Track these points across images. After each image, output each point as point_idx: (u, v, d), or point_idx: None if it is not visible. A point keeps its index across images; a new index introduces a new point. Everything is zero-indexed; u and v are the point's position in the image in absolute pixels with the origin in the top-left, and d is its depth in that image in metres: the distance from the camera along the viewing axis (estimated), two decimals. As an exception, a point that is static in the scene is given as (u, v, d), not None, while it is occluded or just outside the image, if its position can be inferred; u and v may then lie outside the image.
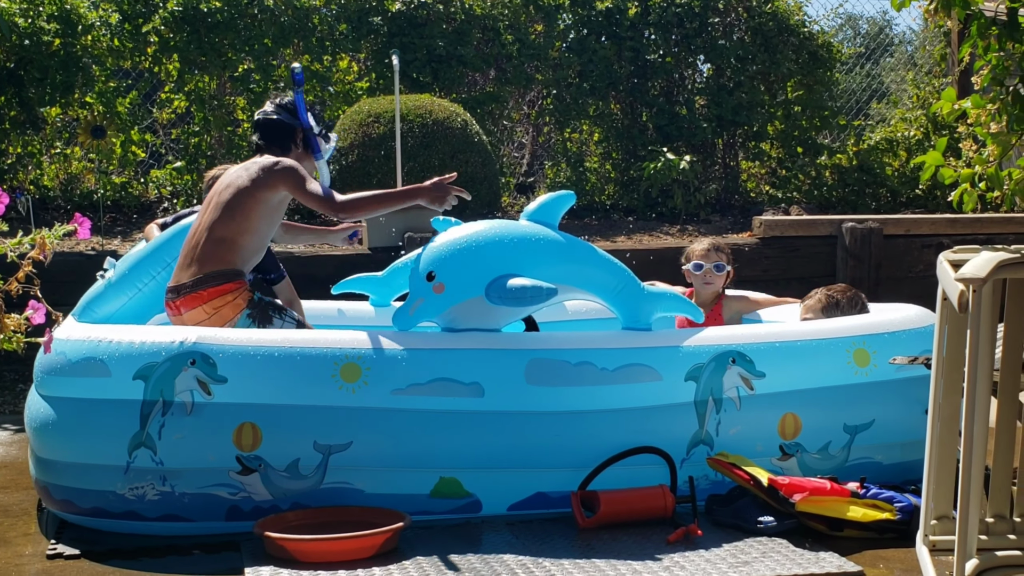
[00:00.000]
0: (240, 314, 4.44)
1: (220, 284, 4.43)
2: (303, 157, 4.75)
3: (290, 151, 4.72)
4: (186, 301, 4.44)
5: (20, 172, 9.17)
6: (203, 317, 4.43)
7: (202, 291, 4.42)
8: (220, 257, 4.47)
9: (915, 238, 8.49)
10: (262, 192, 4.51)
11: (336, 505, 4.07)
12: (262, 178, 4.51)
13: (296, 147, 4.75)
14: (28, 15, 8.67)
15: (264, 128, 4.74)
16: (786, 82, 10.46)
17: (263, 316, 4.47)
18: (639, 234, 8.98)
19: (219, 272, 4.44)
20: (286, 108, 4.76)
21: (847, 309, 4.95)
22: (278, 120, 4.73)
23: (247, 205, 4.50)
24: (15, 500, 4.63)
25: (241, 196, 4.51)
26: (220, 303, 4.42)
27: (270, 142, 4.71)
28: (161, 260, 4.74)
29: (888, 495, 4.09)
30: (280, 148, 4.70)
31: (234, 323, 4.42)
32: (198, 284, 4.43)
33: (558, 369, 4.23)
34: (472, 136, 8.73)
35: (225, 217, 4.50)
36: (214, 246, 4.48)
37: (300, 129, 4.75)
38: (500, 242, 4.37)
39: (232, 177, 4.61)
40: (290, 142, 4.74)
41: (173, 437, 3.98)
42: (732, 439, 4.34)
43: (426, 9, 9.62)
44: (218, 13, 9.11)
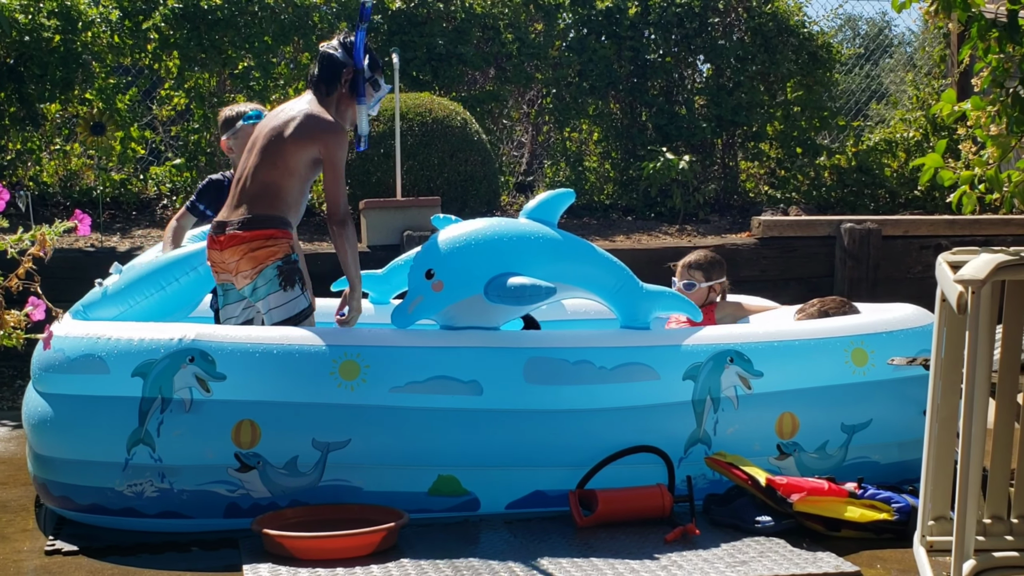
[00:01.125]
0: (272, 262, 4.36)
1: (265, 228, 4.38)
2: (346, 99, 4.59)
3: (334, 91, 4.56)
4: (230, 238, 4.39)
5: (20, 168, 9.17)
6: (239, 256, 4.38)
7: (246, 231, 4.37)
8: (268, 202, 4.41)
9: (913, 239, 8.49)
10: (305, 145, 4.42)
11: (334, 503, 4.07)
12: (307, 131, 4.42)
13: (341, 87, 4.57)
14: (28, 11, 8.67)
15: (321, 62, 4.59)
16: (785, 82, 10.46)
17: (288, 277, 4.39)
18: (638, 234, 8.98)
19: (268, 216, 4.40)
20: (345, 46, 4.59)
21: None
22: (332, 56, 4.57)
23: (289, 153, 4.42)
24: (13, 496, 4.63)
25: (283, 143, 4.43)
26: (258, 245, 4.36)
27: (320, 77, 4.57)
28: (157, 283, 4.69)
29: (886, 495, 4.10)
30: (326, 86, 4.56)
31: (262, 269, 4.35)
32: (245, 224, 4.38)
33: (557, 368, 4.24)
34: (471, 135, 8.73)
35: (268, 162, 4.44)
36: (260, 189, 4.42)
37: (351, 68, 4.57)
38: (499, 240, 4.37)
39: (278, 122, 4.51)
40: (337, 82, 4.56)
41: (172, 434, 3.99)
42: (730, 438, 4.35)
43: (426, 7, 9.62)
44: (218, 10, 9.10)
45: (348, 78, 4.56)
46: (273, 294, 4.38)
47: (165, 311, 4.71)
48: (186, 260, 4.74)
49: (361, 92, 4.56)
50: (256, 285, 4.39)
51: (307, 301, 4.47)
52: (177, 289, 4.71)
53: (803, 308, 5.09)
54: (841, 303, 5.06)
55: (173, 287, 4.71)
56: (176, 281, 4.70)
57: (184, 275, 4.70)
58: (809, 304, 5.08)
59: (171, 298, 4.73)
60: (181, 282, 4.70)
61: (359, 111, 4.59)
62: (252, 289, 4.41)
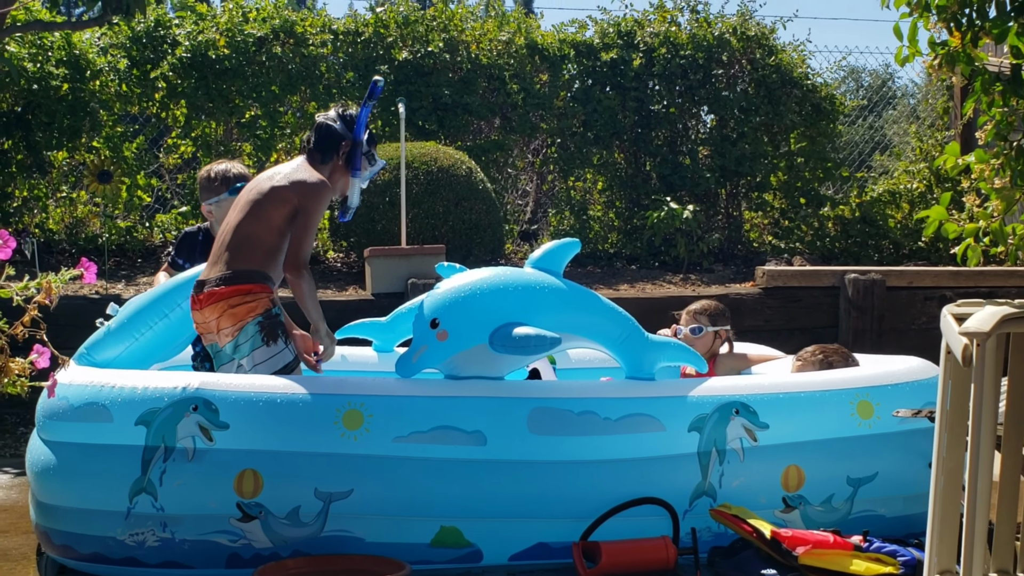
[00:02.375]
0: (252, 318, 4.36)
1: (243, 283, 4.38)
2: (340, 171, 4.66)
3: (330, 161, 4.63)
4: (208, 296, 4.39)
5: (26, 215, 9.21)
6: (218, 314, 4.37)
7: (224, 287, 4.37)
8: (247, 256, 4.42)
9: (918, 290, 8.50)
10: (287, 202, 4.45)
11: (336, 553, 4.04)
12: (290, 188, 4.47)
13: (338, 159, 4.65)
14: (37, 60, 8.75)
15: (318, 131, 4.65)
16: (789, 133, 10.52)
17: (271, 332, 4.39)
18: (642, 283, 8.99)
19: (247, 271, 4.40)
20: (344, 118, 4.67)
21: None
22: (331, 128, 4.64)
23: (272, 209, 4.45)
24: (15, 544, 4.61)
25: (266, 200, 4.46)
26: (237, 301, 4.36)
27: (316, 146, 4.63)
28: (160, 311, 4.68)
29: (891, 549, 4.07)
30: (322, 155, 4.62)
31: (243, 326, 4.35)
32: (224, 280, 4.38)
33: (561, 418, 4.22)
34: (476, 183, 8.77)
35: (251, 217, 4.46)
36: (240, 243, 4.43)
37: (349, 142, 4.65)
38: (504, 290, 4.38)
39: (264, 180, 4.56)
40: (333, 152, 4.63)
41: (174, 483, 3.97)
42: (735, 491, 4.33)
43: (432, 58, 9.70)
44: (226, 60, 9.19)
45: (346, 150, 4.65)
46: (257, 350, 4.37)
47: (170, 339, 4.70)
48: (187, 284, 4.69)
49: (357, 165, 4.65)
50: (238, 342, 4.38)
51: (292, 354, 4.47)
52: (180, 315, 4.66)
53: (802, 356, 5.07)
54: (844, 354, 5.04)
55: (176, 313, 4.67)
56: (179, 306, 4.65)
57: (185, 299, 4.67)
58: (810, 353, 5.05)
59: (175, 325, 4.69)
60: (183, 307, 4.65)
61: (352, 183, 4.68)
62: (234, 347, 4.39)
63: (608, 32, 10.28)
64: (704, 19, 10.43)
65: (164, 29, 9.33)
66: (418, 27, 9.83)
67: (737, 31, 10.34)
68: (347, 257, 9.23)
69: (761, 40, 10.39)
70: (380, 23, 9.80)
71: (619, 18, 10.39)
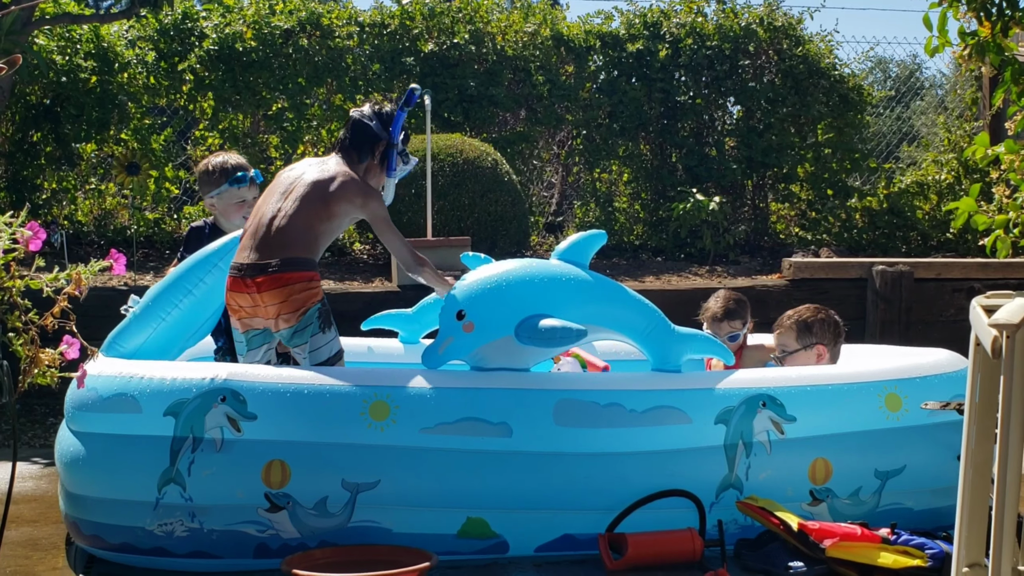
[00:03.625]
0: (314, 305, 4.40)
1: (306, 270, 4.41)
2: (375, 169, 4.67)
3: (365, 160, 4.65)
4: (271, 280, 4.37)
5: (55, 207, 9.27)
6: (281, 299, 4.37)
7: (289, 273, 4.37)
8: (304, 245, 4.44)
9: (946, 282, 8.44)
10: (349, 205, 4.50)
11: (363, 544, 4.06)
12: (353, 193, 4.50)
13: (373, 158, 4.66)
14: (66, 52, 8.80)
15: (354, 128, 4.66)
16: (816, 124, 10.46)
17: (327, 319, 4.45)
18: (667, 274, 8.97)
19: (305, 259, 4.43)
20: (381, 116, 4.67)
21: (819, 331, 4.94)
22: (368, 125, 4.64)
23: (333, 207, 4.47)
24: (45, 534, 4.64)
25: (327, 196, 4.47)
26: (302, 288, 4.38)
27: (352, 144, 4.64)
28: (183, 288, 4.62)
29: (919, 542, 4.05)
30: (358, 153, 4.63)
31: (304, 312, 4.38)
32: (285, 266, 4.38)
33: (587, 410, 4.22)
34: (502, 175, 8.76)
35: (309, 208, 4.46)
36: (298, 233, 4.44)
37: (384, 142, 4.66)
38: (530, 281, 4.38)
39: (317, 175, 4.54)
40: (369, 151, 4.65)
41: (202, 474, 3.99)
42: (762, 483, 4.31)
43: (458, 50, 9.70)
44: (253, 52, 9.21)
45: (381, 150, 4.66)
46: (315, 335, 4.41)
47: (197, 316, 4.67)
48: (206, 260, 4.67)
49: (392, 165, 4.68)
50: (299, 328, 4.40)
51: (339, 344, 4.52)
52: (206, 290, 4.64)
53: (779, 323, 5.04)
54: (816, 309, 5.02)
55: (201, 288, 4.64)
56: (201, 281, 4.64)
57: (208, 274, 4.63)
58: (786, 317, 5.03)
59: (201, 301, 4.65)
60: (207, 281, 4.63)
61: (387, 183, 4.71)
62: (292, 332, 4.41)
63: (634, 23, 10.24)
64: (731, 10, 10.38)
65: (191, 22, 9.36)
66: (444, 19, 9.82)
67: (764, 21, 10.29)
68: (373, 249, 9.25)
69: (788, 30, 10.33)
70: (406, 15, 9.80)
71: (645, 9, 10.36)
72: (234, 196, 5.12)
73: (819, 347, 4.97)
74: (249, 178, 5.13)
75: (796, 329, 4.97)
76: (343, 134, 4.69)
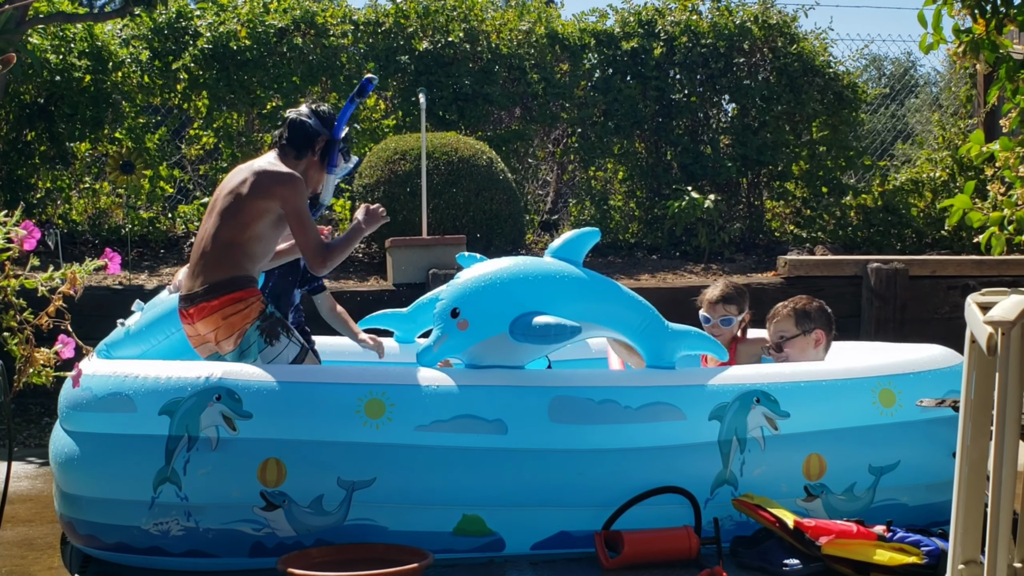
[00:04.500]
0: (250, 324, 4.37)
1: (231, 292, 4.37)
2: (315, 166, 4.64)
3: (304, 157, 4.61)
4: (199, 310, 4.38)
5: (49, 206, 9.26)
6: (214, 326, 4.37)
7: (213, 299, 4.36)
8: (229, 263, 4.40)
9: (941, 279, 8.44)
10: (263, 202, 4.43)
11: (359, 542, 4.06)
12: (263, 188, 4.43)
13: (312, 154, 4.63)
14: (60, 51, 8.79)
15: (291, 126, 4.63)
16: (811, 122, 10.47)
17: (271, 331, 4.39)
18: (663, 272, 8.98)
19: (230, 279, 4.38)
20: (319, 115, 4.65)
21: (817, 317, 4.99)
22: (305, 123, 4.62)
23: (248, 212, 4.43)
24: (40, 534, 4.64)
25: (241, 203, 4.44)
26: (231, 311, 4.36)
27: (289, 141, 4.61)
28: (176, 322, 4.64)
29: (915, 539, 4.05)
30: (296, 151, 4.60)
31: (243, 333, 4.36)
32: (209, 292, 4.37)
33: (582, 407, 4.23)
34: (497, 173, 8.76)
35: (228, 223, 4.43)
36: (221, 252, 4.41)
37: (323, 137, 4.63)
38: (524, 279, 4.38)
39: (235, 182, 4.51)
40: (308, 148, 4.62)
41: (198, 473, 3.99)
42: (756, 479, 4.32)
43: (453, 48, 9.69)
44: (247, 51, 9.21)
45: (321, 146, 4.63)
46: (263, 351, 4.38)
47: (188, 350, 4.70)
48: None
49: (333, 162, 4.65)
50: (242, 349, 4.38)
51: (298, 345, 4.47)
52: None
53: (775, 312, 5.05)
54: (810, 299, 5.06)
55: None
56: None
57: None
58: (782, 306, 5.05)
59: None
60: None
61: (327, 180, 4.68)
62: (239, 354, 4.39)
63: (629, 21, 10.25)
64: (725, 8, 10.38)
65: (186, 20, 9.35)
66: (438, 17, 9.82)
67: (758, 19, 10.29)
68: (368, 247, 9.25)
69: (782, 28, 10.34)
70: (400, 13, 9.80)
71: (640, 7, 10.36)
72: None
73: (818, 331, 5.00)
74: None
75: (795, 315, 4.99)
76: (279, 132, 4.67)
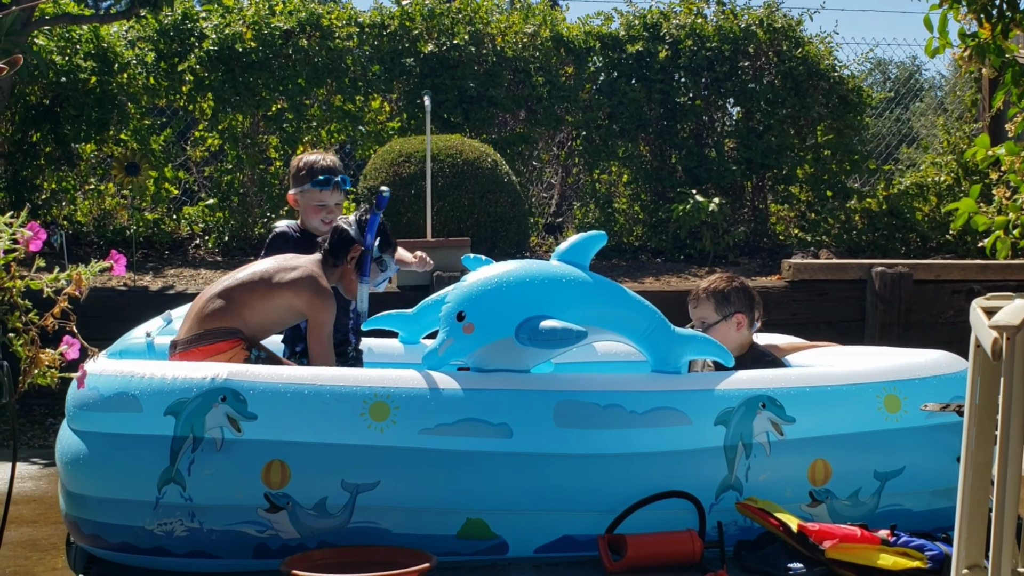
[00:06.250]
0: None
1: (216, 342, 4.44)
2: (350, 274, 4.74)
3: (340, 264, 4.71)
4: (183, 356, 4.45)
5: (54, 207, 9.28)
6: None
7: (199, 347, 4.43)
8: (222, 317, 4.48)
9: (945, 283, 8.44)
10: (295, 298, 4.53)
11: (363, 544, 4.06)
12: (303, 288, 4.53)
13: (347, 263, 4.72)
14: (65, 53, 8.80)
15: (333, 234, 4.73)
16: (816, 126, 10.47)
17: None
18: (667, 276, 8.98)
19: (218, 330, 4.46)
20: (360, 223, 4.74)
21: (736, 300, 4.94)
22: (345, 232, 4.72)
23: (275, 295, 4.52)
24: (44, 534, 4.65)
25: (272, 286, 4.53)
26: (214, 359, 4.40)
27: (330, 247, 4.71)
28: None
29: (919, 543, 4.05)
30: (334, 257, 4.70)
31: None
32: (195, 340, 4.45)
33: (587, 411, 4.22)
34: (502, 176, 8.77)
35: (248, 289, 4.52)
36: (225, 306, 4.49)
37: (358, 247, 4.72)
38: (530, 283, 4.37)
39: (275, 266, 4.61)
40: (345, 256, 4.71)
41: (202, 473, 3.99)
42: (762, 484, 4.32)
43: (458, 51, 9.70)
44: (253, 53, 9.22)
45: (355, 255, 4.71)
46: None
47: None
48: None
49: (365, 272, 4.72)
50: None
51: None
52: None
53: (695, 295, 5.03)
54: (730, 278, 5.03)
55: None
56: None
57: None
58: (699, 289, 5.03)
59: None
60: None
61: (360, 288, 4.73)
62: None
63: (634, 24, 10.25)
64: (730, 11, 10.39)
65: (191, 22, 9.37)
66: (444, 20, 9.83)
67: (764, 23, 10.30)
68: (372, 249, 9.25)
69: (788, 32, 10.34)
70: (406, 16, 9.81)
71: (645, 10, 10.37)
72: (314, 197, 5.12)
73: (738, 315, 4.98)
74: (333, 182, 5.12)
75: (714, 300, 4.96)
76: (323, 238, 4.78)
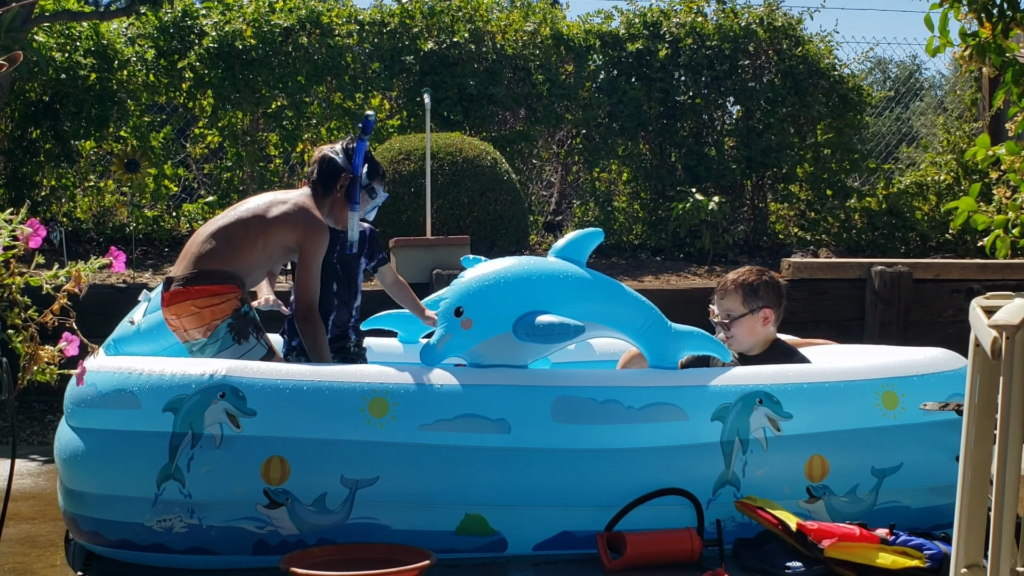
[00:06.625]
0: (221, 320, 4.36)
1: (212, 284, 4.37)
2: (340, 203, 4.72)
3: (331, 194, 4.70)
4: (174, 295, 4.39)
5: (54, 204, 9.28)
6: (185, 314, 4.37)
7: (192, 287, 4.37)
8: (221, 257, 4.41)
9: (945, 283, 8.44)
10: (288, 232, 4.50)
11: (362, 541, 4.06)
12: (295, 222, 4.50)
13: (337, 192, 4.71)
14: (65, 49, 8.80)
15: (320, 163, 4.72)
16: (816, 125, 10.47)
17: (241, 330, 4.38)
18: (667, 274, 8.98)
19: (215, 272, 4.40)
20: (347, 152, 4.73)
21: (765, 294, 4.82)
22: (332, 160, 4.71)
23: (267, 232, 4.48)
24: (43, 531, 4.65)
25: (265, 222, 4.49)
26: (205, 303, 4.35)
27: (317, 179, 4.71)
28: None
29: (918, 542, 4.05)
30: (323, 187, 4.69)
31: (212, 328, 4.36)
32: (192, 279, 4.38)
33: (585, 406, 4.22)
34: (501, 174, 8.77)
35: (241, 228, 4.48)
36: (219, 245, 4.43)
37: (348, 175, 4.71)
38: (528, 279, 4.38)
39: (265, 202, 4.58)
40: (334, 185, 4.70)
41: (202, 470, 3.99)
42: (759, 480, 4.32)
43: (458, 49, 9.70)
44: (253, 50, 9.22)
45: (344, 183, 4.69)
46: (227, 349, 4.38)
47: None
48: None
49: (355, 199, 4.69)
50: (208, 343, 4.38)
51: (264, 347, 4.46)
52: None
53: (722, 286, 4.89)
54: (759, 271, 4.91)
55: None
56: None
57: None
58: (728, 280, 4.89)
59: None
60: None
61: (351, 216, 4.71)
62: (201, 347, 4.39)
63: (634, 22, 10.26)
64: (731, 10, 10.39)
65: (191, 19, 9.37)
66: (444, 17, 9.83)
67: (764, 21, 10.30)
68: (372, 247, 9.26)
69: (788, 31, 10.35)
70: (406, 13, 9.81)
71: (645, 8, 10.37)
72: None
73: (766, 310, 4.84)
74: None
75: (742, 292, 4.85)
76: (311, 168, 4.75)
